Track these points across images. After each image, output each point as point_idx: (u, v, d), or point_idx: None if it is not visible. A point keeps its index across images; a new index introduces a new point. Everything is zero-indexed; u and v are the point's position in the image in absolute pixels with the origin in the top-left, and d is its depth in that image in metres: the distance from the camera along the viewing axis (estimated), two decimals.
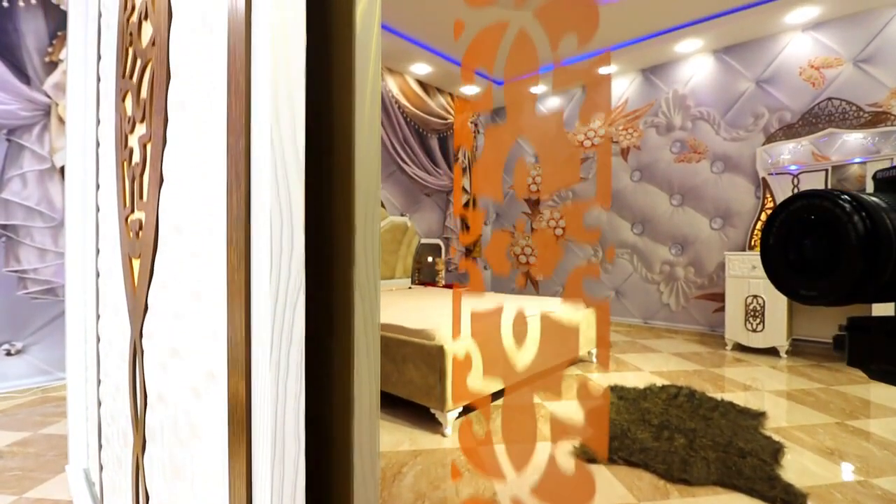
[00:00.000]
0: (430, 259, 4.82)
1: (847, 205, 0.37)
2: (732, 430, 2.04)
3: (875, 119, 3.35)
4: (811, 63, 3.62)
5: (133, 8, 0.67)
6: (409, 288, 4.18)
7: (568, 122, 5.07)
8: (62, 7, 2.64)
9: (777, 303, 3.38)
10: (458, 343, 2.09)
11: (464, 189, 5.28)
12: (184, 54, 0.48)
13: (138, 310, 0.61)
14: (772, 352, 3.45)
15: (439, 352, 2.05)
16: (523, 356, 2.53)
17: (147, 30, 0.59)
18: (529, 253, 5.37)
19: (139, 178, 0.62)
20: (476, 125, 5.49)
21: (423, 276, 4.79)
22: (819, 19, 3.55)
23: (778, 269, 0.42)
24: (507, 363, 2.40)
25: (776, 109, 3.76)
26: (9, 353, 2.49)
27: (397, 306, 2.93)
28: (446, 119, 5.06)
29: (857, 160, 3.38)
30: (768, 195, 3.77)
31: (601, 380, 2.88)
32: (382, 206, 4.38)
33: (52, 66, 2.61)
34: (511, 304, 2.29)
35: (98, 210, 1.20)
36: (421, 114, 4.77)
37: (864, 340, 0.43)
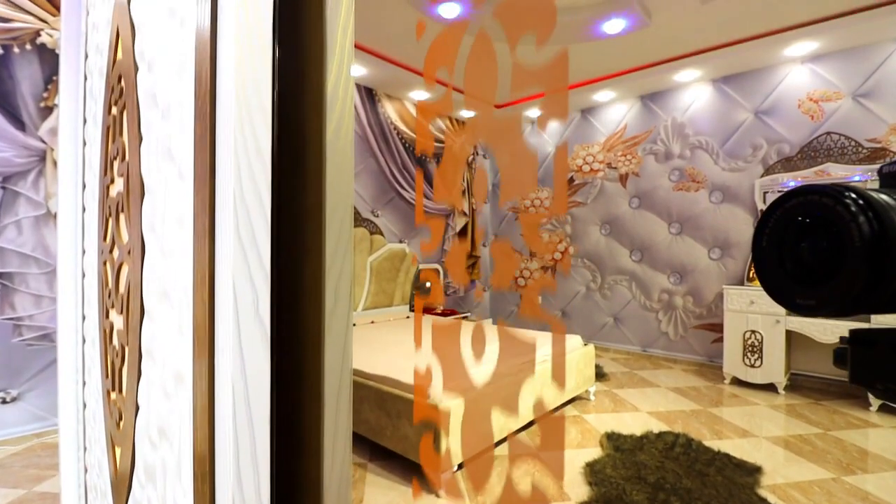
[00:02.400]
0: (427, 284, 4.81)
1: (852, 203, 0.33)
2: (728, 490, 2.03)
3: (874, 155, 3.34)
4: (810, 96, 3.60)
5: (110, 167, 0.67)
6: (408, 317, 4.17)
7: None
8: (57, 52, 2.63)
9: (775, 339, 3.37)
10: (452, 401, 2.08)
11: (464, 212, 5.27)
12: (153, 296, 0.47)
13: (120, 498, 0.60)
14: (770, 387, 3.44)
15: (433, 411, 2.04)
16: (518, 404, 2.52)
17: (123, 225, 0.59)
18: (528, 276, 5.36)
19: (119, 369, 0.61)
20: (475, 147, 5.48)
21: (425, 294, 4.78)
22: (818, 52, 3.53)
23: (771, 275, 0.37)
24: (501, 413, 2.39)
25: (775, 141, 3.75)
26: (4, 401, 2.48)
27: (393, 346, 2.92)
28: (445, 142, 5.05)
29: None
30: None
31: (598, 421, 2.87)
32: (381, 233, 4.38)
33: (48, 111, 2.61)
34: (507, 350, 2.28)
35: (84, 275, 1.20)
36: (420, 138, 4.76)
37: (868, 356, 0.38)
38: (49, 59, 2.61)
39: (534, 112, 5.05)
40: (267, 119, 0.35)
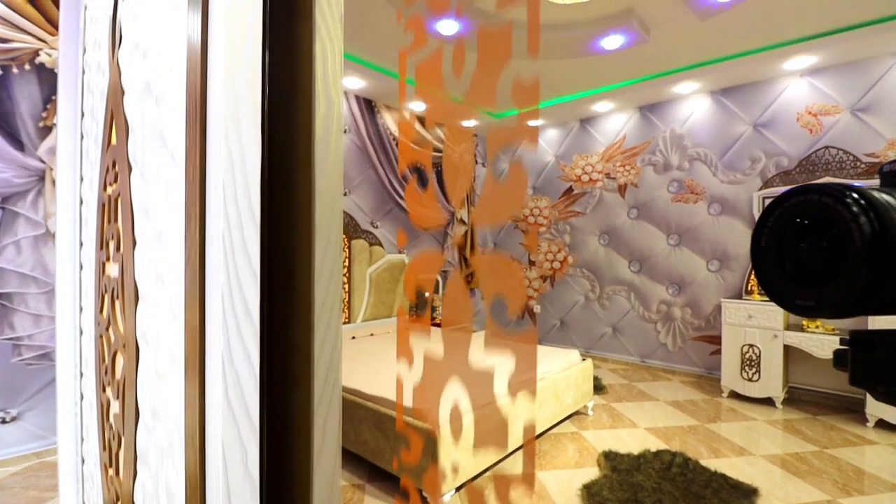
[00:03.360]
0: (426, 294, 4.81)
1: (853, 202, 0.32)
2: None
3: (872, 170, 3.34)
4: (809, 109, 3.60)
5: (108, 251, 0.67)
6: (407, 329, 4.18)
7: (565, 156, 5.06)
8: (56, 71, 2.63)
9: (773, 353, 3.37)
10: (450, 426, 2.09)
11: (461, 220, 5.27)
12: (147, 406, 0.48)
13: None
14: (768, 401, 3.45)
15: (431, 436, 2.05)
16: (515, 426, 2.53)
17: (119, 314, 0.60)
18: (527, 284, 5.36)
19: (115, 453, 0.62)
20: (474, 156, 5.48)
21: (421, 310, 4.78)
22: (817, 66, 3.53)
23: (770, 276, 0.37)
24: (498, 437, 2.40)
25: (773, 154, 3.75)
26: (3, 421, 2.49)
27: (392, 363, 2.93)
28: (444, 151, 5.05)
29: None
30: None
31: (595, 438, 2.88)
32: (380, 244, 4.38)
33: (47, 130, 2.61)
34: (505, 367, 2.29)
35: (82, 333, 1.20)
36: (420, 148, 4.76)
37: (869, 358, 0.38)
38: (48, 79, 2.61)
39: (533, 122, 5.04)
40: (256, 278, 0.36)
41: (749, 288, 3.80)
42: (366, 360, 2.99)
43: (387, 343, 3.57)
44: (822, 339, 3.19)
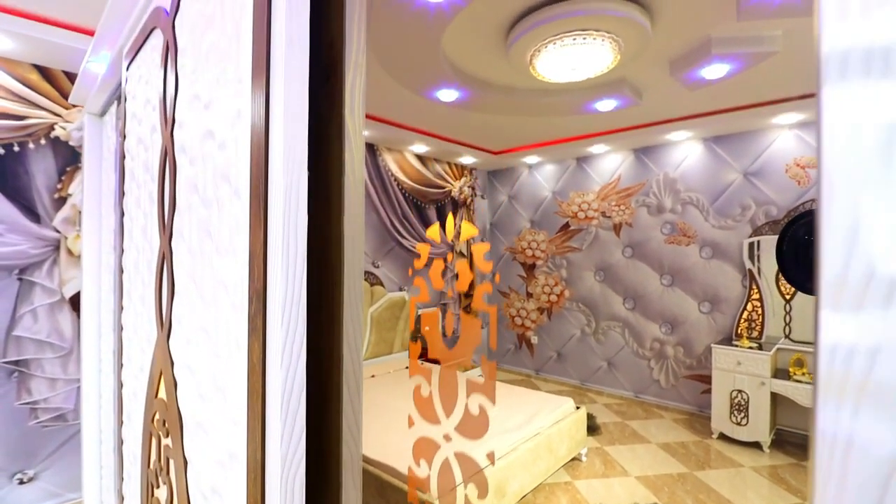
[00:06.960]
0: (426, 328, 4.92)
1: None
2: None
3: None
4: (797, 161, 3.71)
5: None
6: (407, 367, 4.30)
7: (561, 193, 5.17)
8: (70, 143, 2.74)
9: (761, 400, 3.49)
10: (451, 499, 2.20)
11: (461, 253, 5.38)
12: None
13: None
14: (756, 445, 3.57)
15: None
16: (512, 484, 2.64)
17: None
18: (525, 315, 5.48)
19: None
20: (473, 189, 5.59)
21: (421, 344, 4.89)
22: (805, 121, 3.65)
23: (790, 269, 0.62)
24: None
25: (763, 203, 3.86)
26: (21, 482, 2.61)
27: (394, 417, 3.05)
28: (444, 187, 5.16)
29: None
30: (754, 286, 3.88)
31: (587, 489, 3.00)
32: (381, 284, 4.49)
33: (61, 201, 2.71)
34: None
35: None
36: (420, 187, 4.87)
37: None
38: (62, 151, 2.71)
39: (531, 159, 5.16)
40: (303, 341, 0.50)
41: (738, 332, 3.92)
42: (369, 416, 3.10)
43: (389, 387, 3.68)
44: (807, 389, 3.31)
